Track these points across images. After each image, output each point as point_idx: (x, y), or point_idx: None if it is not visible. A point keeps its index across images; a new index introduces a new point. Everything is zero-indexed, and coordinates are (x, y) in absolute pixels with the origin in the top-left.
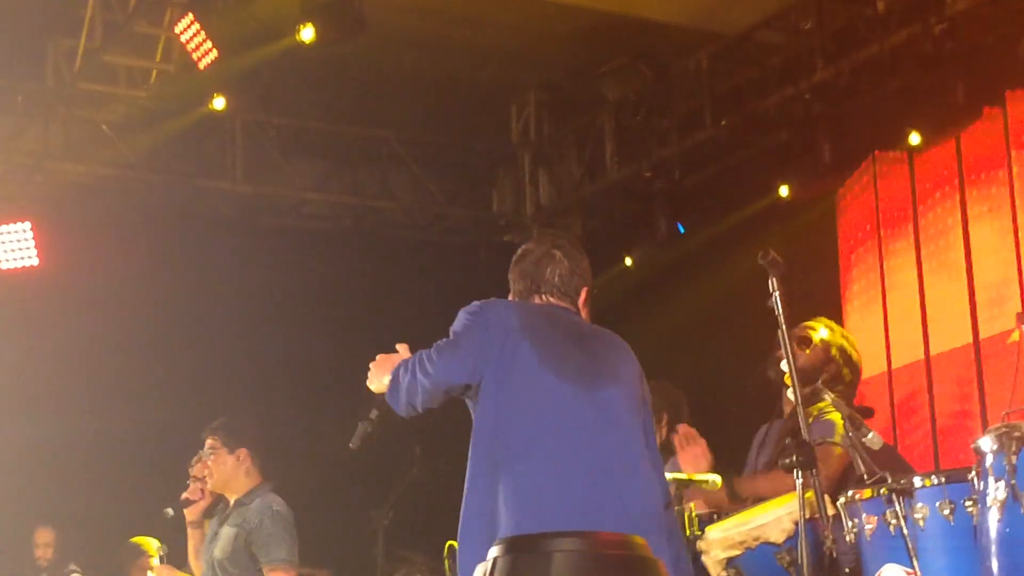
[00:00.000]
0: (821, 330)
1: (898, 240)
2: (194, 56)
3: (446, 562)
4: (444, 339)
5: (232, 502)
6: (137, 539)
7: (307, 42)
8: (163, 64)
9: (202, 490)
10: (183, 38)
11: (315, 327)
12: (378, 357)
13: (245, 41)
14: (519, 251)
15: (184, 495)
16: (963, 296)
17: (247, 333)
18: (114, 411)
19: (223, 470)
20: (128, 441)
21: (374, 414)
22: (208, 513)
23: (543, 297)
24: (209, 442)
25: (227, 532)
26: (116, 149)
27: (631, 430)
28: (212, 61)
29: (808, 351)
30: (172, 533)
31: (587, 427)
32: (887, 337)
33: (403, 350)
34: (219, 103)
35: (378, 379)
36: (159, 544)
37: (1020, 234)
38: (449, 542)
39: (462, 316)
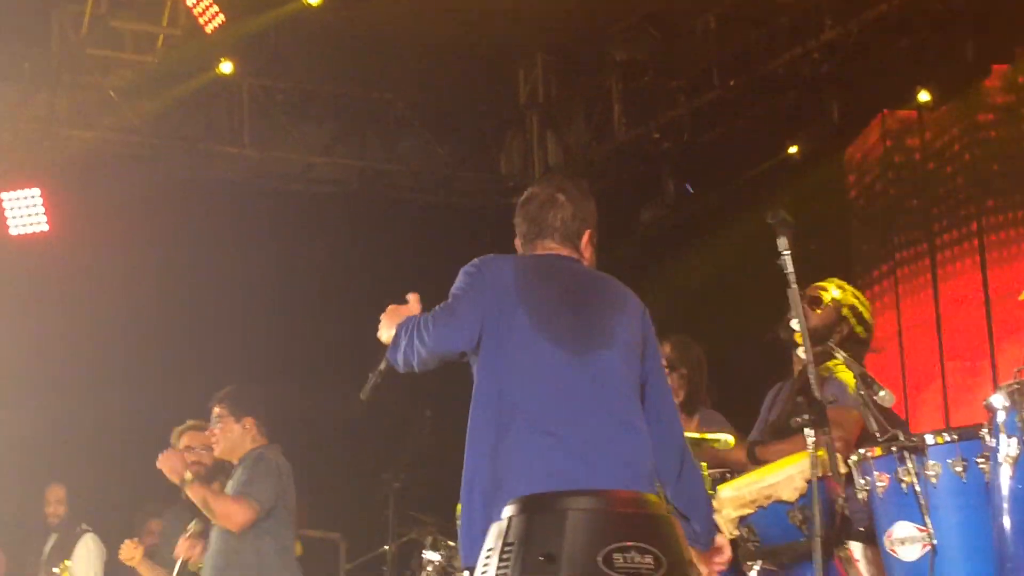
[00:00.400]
0: (832, 290)
1: (908, 198)
2: (201, 20)
3: (458, 523)
4: (443, 304)
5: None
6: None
7: (314, 5)
8: (170, 29)
9: (193, 545)
10: (190, 2)
11: (323, 291)
12: (388, 307)
13: (252, 5)
14: (525, 194)
15: (183, 557)
16: (973, 253)
17: (255, 297)
18: (124, 375)
19: (230, 438)
20: (138, 403)
21: (383, 365)
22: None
23: (545, 243)
24: (216, 410)
25: (228, 487)
26: (123, 114)
27: (624, 394)
28: (219, 25)
29: (819, 311)
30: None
31: (579, 394)
32: (897, 295)
33: (413, 301)
34: (226, 68)
35: (387, 330)
36: (195, 521)
37: None
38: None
39: (461, 276)
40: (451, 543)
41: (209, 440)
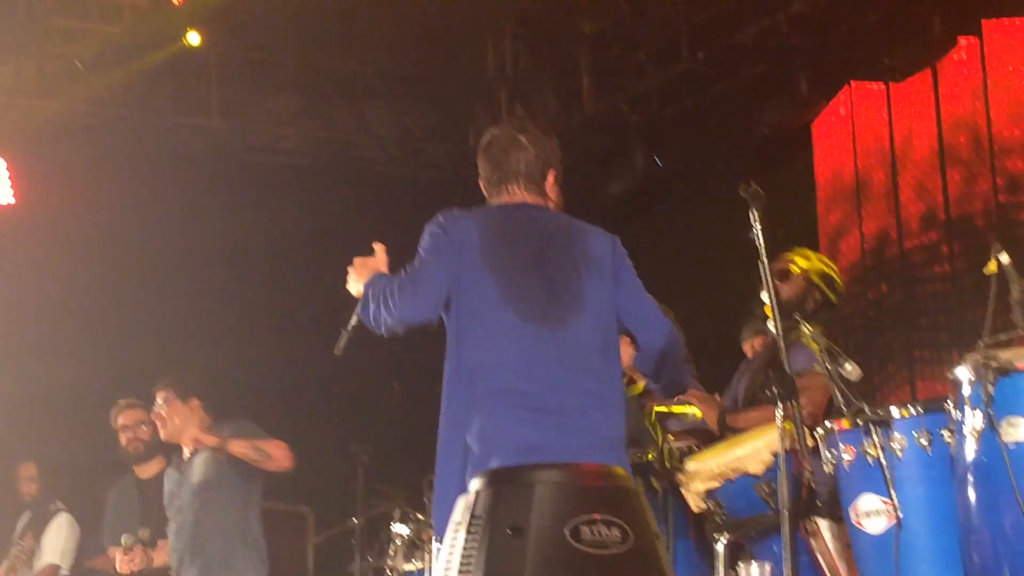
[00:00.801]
0: (799, 260)
1: (875, 170)
2: None
3: (425, 496)
4: (408, 270)
5: (192, 448)
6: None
7: None
8: None
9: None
10: None
11: (292, 263)
12: (355, 260)
13: None
14: (486, 138)
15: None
16: (939, 226)
17: (223, 270)
18: (93, 348)
19: (176, 419)
20: (108, 379)
21: (354, 320)
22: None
23: (510, 187)
24: (162, 394)
25: (200, 459)
26: (90, 85)
27: (594, 367)
28: None
29: (788, 283)
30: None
31: (550, 368)
32: (864, 266)
33: (379, 251)
34: (194, 38)
35: (355, 283)
36: (142, 529)
37: (996, 164)
38: (429, 477)
39: (426, 234)
40: (420, 516)
41: (143, 417)
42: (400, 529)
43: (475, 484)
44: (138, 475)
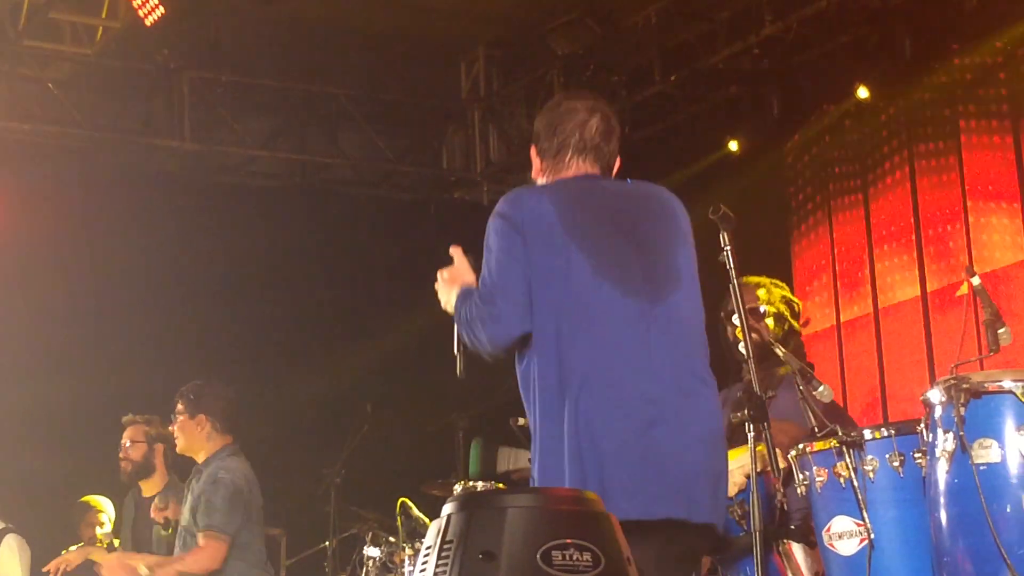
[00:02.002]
0: (759, 292)
1: (847, 194)
2: (140, 13)
3: (398, 519)
4: (482, 285)
5: (200, 465)
6: (87, 498)
7: None
8: (109, 21)
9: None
10: None
11: (263, 286)
12: (439, 275)
13: None
14: (551, 103)
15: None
16: (911, 249)
17: (194, 292)
18: (57, 367)
19: (185, 435)
20: (74, 404)
21: (461, 343)
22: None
23: (575, 161)
24: (177, 406)
25: (188, 502)
26: (62, 107)
27: (696, 345)
28: (159, 18)
29: (763, 322)
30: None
31: (655, 350)
32: (836, 291)
33: (458, 256)
34: (166, 60)
35: (447, 300)
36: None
37: (966, 186)
38: (401, 499)
39: (493, 239)
40: (392, 539)
41: (136, 435)
42: (372, 552)
43: (446, 508)
44: (142, 491)
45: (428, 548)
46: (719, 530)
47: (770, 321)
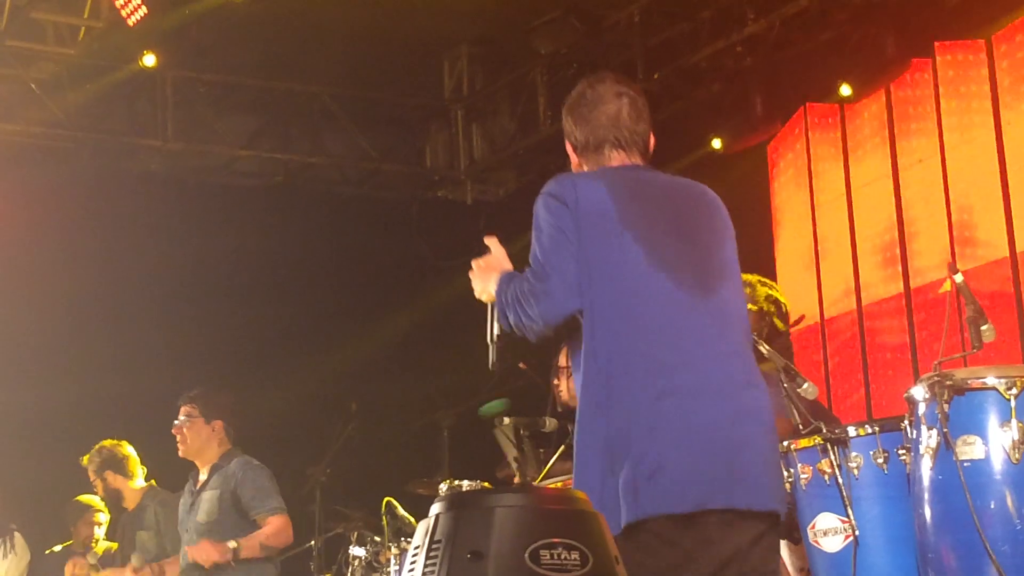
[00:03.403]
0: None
1: (829, 191)
2: (123, 12)
3: (384, 518)
4: (534, 263)
5: (208, 468)
6: (82, 498)
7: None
8: (92, 21)
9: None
10: None
11: (247, 285)
12: (474, 264)
13: None
14: (576, 94)
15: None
16: (894, 246)
17: (178, 292)
18: (51, 374)
19: (198, 439)
20: (67, 405)
21: (496, 329)
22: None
23: (614, 154)
24: (186, 409)
25: (209, 495)
26: (45, 107)
27: (746, 339)
28: (141, 18)
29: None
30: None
31: (706, 342)
32: (819, 288)
33: (494, 245)
34: (149, 60)
35: (484, 286)
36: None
37: (949, 184)
38: (386, 498)
39: (544, 217)
40: (377, 538)
41: (92, 473)
42: (357, 551)
43: (434, 508)
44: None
45: (416, 548)
46: (779, 513)
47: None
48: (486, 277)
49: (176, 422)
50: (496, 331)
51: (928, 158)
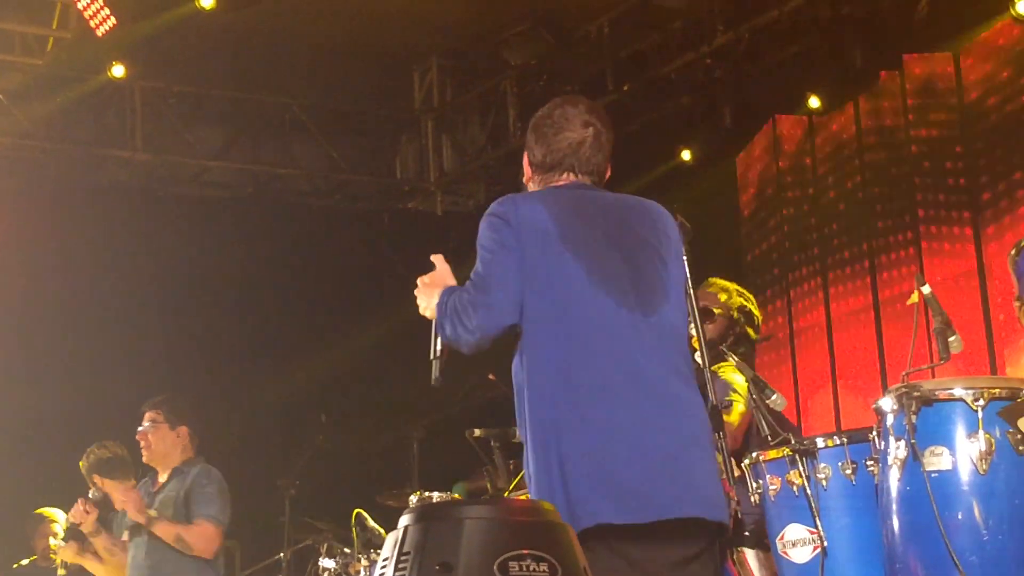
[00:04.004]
0: (720, 296)
1: (799, 203)
2: (92, 23)
3: (354, 530)
4: (474, 276)
5: (169, 472)
6: (41, 510)
7: (207, 8)
8: (60, 31)
9: (85, 509)
10: (80, 4)
11: (216, 296)
12: (419, 281)
13: (143, 8)
14: (544, 113)
15: (70, 521)
16: (862, 257)
17: (147, 303)
18: (15, 386)
19: (162, 445)
20: (31, 415)
21: (439, 344)
22: (103, 521)
23: (566, 174)
24: (151, 415)
25: (164, 498)
26: (13, 118)
27: (685, 358)
28: (110, 28)
29: (712, 324)
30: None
31: (649, 362)
32: (788, 298)
33: (439, 262)
34: (118, 71)
35: (427, 302)
36: (66, 516)
37: (918, 196)
38: (356, 510)
39: (485, 229)
40: (347, 550)
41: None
42: (327, 563)
43: (403, 519)
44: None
45: (385, 560)
46: (727, 524)
47: (719, 324)
48: (430, 293)
49: (140, 428)
50: (439, 347)
51: (897, 168)
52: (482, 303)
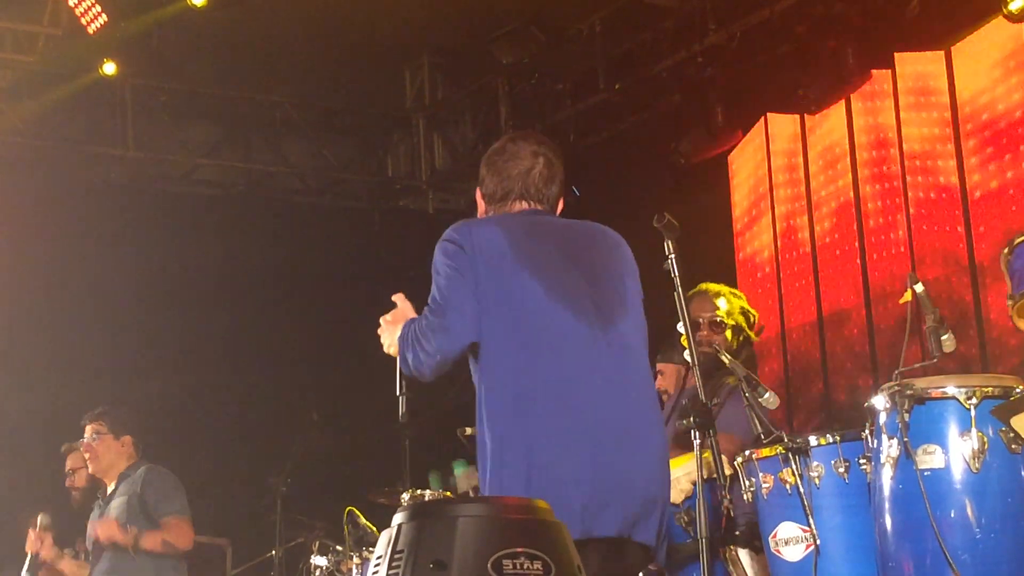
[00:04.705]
0: (720, 301)
1: (791, 201)
2: (83, 20)
3: (345, 527)
4: (431, 302)
5: (116, 479)
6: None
7: (198, 6)
8: (51, 28)
9: (39, 538)
10: (71, 2)
11: (207, 295)
12: (381, 321)
13: (135, 5)
14: (497, 147)
15: (32, 552)
16: (855, 256)
17: (138, 301)
18: (4, 383)
19: (108, 455)
20: (17, 414)
21: (403, 382)
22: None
23: (518, 202)
24: (93, 427)
25: (117, 503)
26: (3, 115)
27: (644, 371)
28: (102, 25)
29: (721, 333)
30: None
31: (607, 377)
32: (780, 297)
33: (400, 301)
34: (109, 68)
35: (390, 340)
36: (41, 515)
37: (909, 193)
38: (348, 508)
39: (439, 255)
40: (338, 547)
41: (81, 460)
42: (319, 561)
43: (397, 517)
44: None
45: (379, 558)
46: (654, 552)
47: (728, 333)
48: (392, 331)
49: (84, 440)
50: (403, 383)
51: (888, 167)
52: (439, 327)
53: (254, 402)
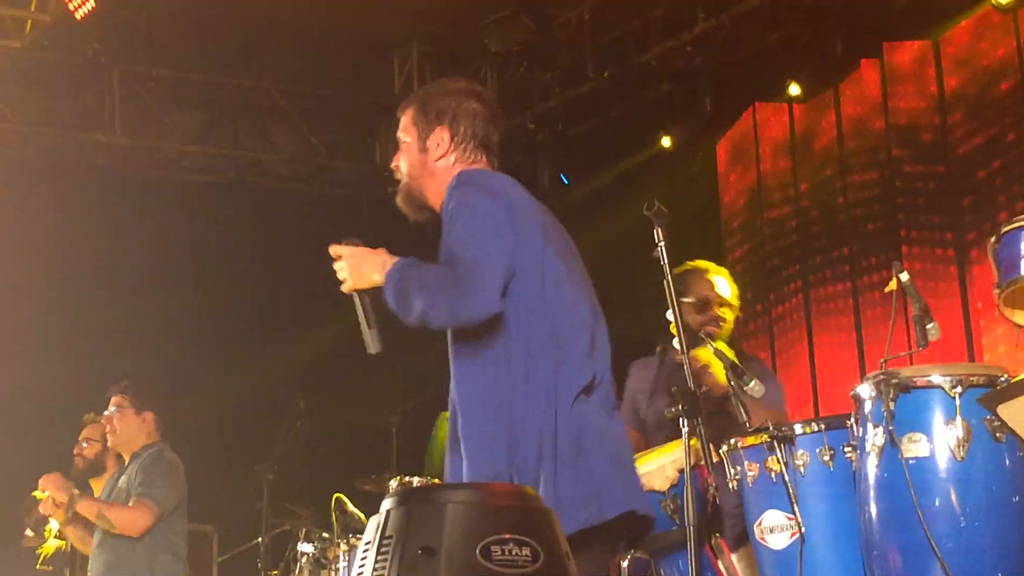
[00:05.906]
0: (717, 279)
1: (778, 191)
2: (70, 6)
3: (333, 515)
4: (464, 254)
5: (130, 456)
6: (34, 493)
7: None
8: (39, 14)
9: (54, 503)
10: None
11: (195, 280)
12: (344, 253)
13: None
14: (469, 89)
15: (39, 515)
16: (841, 244)
17: (126, 287)
18: None
19: (127, 430)
20: (13, 396)
21: (368, 316)
22: (72, 504)
23: (481, 155)
24: (117, 400)
25: (122, 481)
26: None
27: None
28: (89, 11)
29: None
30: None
31: (600, 362)
32: (768, 284)
33: (341, 248)
34: (97, 54)
35: (363, 277)
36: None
37: (897, 183)
38: (336, 495)
39: (477, 196)
40: (325, 535)
41: (93, 434)
42: (306, 548)
43: (385, 503)
44: (93, 491)
45: (367, 544)
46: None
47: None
48: (363, 264)
49: (106, 412)
50: (369, 318)
51: (875, 158)
52: (477, 287)
53: (240, 389)
